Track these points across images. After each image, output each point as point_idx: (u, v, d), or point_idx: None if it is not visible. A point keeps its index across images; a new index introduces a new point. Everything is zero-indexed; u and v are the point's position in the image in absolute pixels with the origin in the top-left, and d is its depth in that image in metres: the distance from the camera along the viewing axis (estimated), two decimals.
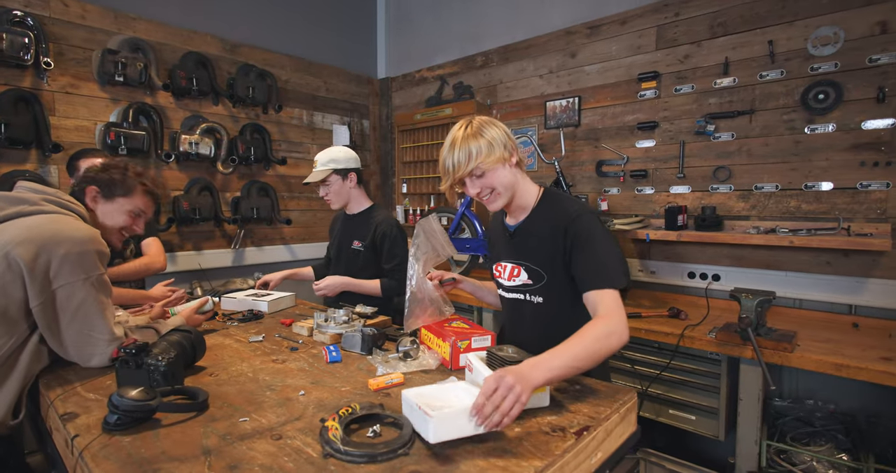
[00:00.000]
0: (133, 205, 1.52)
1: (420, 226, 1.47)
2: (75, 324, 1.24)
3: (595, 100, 3.01)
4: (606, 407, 1.13)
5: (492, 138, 1.28)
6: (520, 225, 1.41)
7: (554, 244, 1.32)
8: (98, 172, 1.49)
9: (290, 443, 0.95)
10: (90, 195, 1.45)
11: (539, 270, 1.36)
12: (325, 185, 2.23)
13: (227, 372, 1.34)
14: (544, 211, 1.38)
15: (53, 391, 1.21)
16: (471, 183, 1.31)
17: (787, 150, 2.33)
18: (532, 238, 1.38)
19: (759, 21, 2.36)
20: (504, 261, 1.46)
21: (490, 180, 1.30)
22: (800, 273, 2.33)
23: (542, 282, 1.36)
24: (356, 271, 2.26)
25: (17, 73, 2.48)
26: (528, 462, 0.89)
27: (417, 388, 1.08)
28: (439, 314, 1.49)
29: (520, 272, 1.41)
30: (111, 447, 0.93)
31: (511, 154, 1.32)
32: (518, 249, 1.41)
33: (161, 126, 2.96)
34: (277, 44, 3.60)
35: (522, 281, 1.41)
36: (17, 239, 1.19)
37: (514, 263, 1.43)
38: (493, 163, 1.28)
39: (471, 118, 1.34)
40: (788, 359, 1.79)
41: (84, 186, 1.45)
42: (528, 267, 1.39)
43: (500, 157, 1.29)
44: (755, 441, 1.93)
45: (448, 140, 1.32)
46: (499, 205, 1.35)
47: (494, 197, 1.33)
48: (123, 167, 1.53)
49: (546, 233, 1.34)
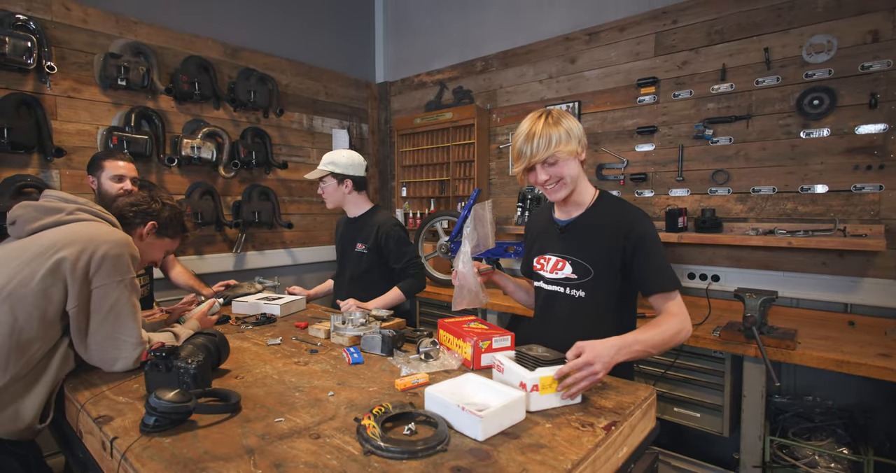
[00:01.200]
0: (173, 246, 1.62)
1: (474, 211, 1.48)
2: (105, 326, 1.25)
3: (595, 104, 3.07)
4: (629, 403, 1.17)
5: (569, 129, 1.32)
6: (573, 220, 1.45)
7: (611, 242, 1.35)
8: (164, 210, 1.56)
9: (330, 442, 0.97)
10: (147, 228, 1.52)
11: (587, 265, 1.40)
12: (321, 183, 2.29)
13: (251, 374, 1.35)
14: (601, 210, 1.42)
15: (81, 394, 1.21)
16: (541, 169, 1.34)
17: (784, 154, 2.41)
18: (585, 234, 1.41)
19: (756, 29, 2.44)
20: (549, 254, 1.49)
21: (560, 170, 1.34)
22: (797, 273, 2.40)
23: (589, 278, 1.39)
24: (361, 274, 2.30)
25: (19, 77, 2.46)
26: (564, 455, 0.92)
27: (437, 385, 1.13)
28: (478, 301, 1.50)
29: (564, 265, 1.44)
30: (153, 448, 0.94)
31: (582, 149, 1.36)
32: (568, 243, 1.44)
33: (163, 130, 2.95)
34: (278, 48, 3.62)
35: (566, 274, 1.44)
36: (61, 243, 1.21)
37: (560, 257, 1.45)
38: (567, 154, 1.32)
39: (549, 109, 1.38)
40: (791, 357, 1.85)
41: (147, 219, 1.50)
42: (575, 261, 1.42)
43: (574, 150, 1.33)
44: (759, 437, 1.98)
45: (525, 126, 1.35)
46: (562, 195, 1.38)
47: (560, 186, 1.37)
48: (182, 210, 1.62)
49: (602, 232, 1.38)
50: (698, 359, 2.18)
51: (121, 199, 1.53)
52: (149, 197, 1.55)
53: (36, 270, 1.19)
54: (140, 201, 1.52)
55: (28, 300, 1.17)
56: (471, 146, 3.59)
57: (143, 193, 1.58)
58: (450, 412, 1.03)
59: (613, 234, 1.36)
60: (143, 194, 1.57)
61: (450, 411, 1.03)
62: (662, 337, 1.24)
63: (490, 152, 3.63)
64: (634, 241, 1.33)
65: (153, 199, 1.55)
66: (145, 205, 1.52)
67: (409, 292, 2.23)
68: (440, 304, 3.19)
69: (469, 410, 0.97)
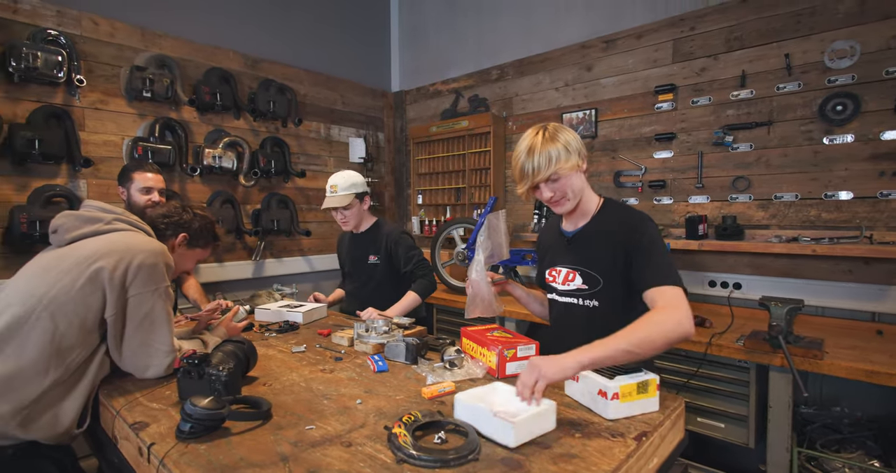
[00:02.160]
0: (204, 255, 1.66)
1: (488, 220, 1.48)
2: (139, 334, 1.28)
3: (612, 112, 3.07)
4: (659, 414, 1.16)
5: (566, 143, 1.32)
6: (579, 230, 1.45)
7: (615, 249, 1.34)
8: (195, 221, 1.59)
9: (362, 450, 0.98)
10: (179, 239, 1.55)
11: (595, 275, 1.39)
12: (345, 209, 2.32)
13: (279, 381, 1.37)
14: (605, 218, 1.41)
15: (116, 401, 1.23)
16: (545, 187, 1.35)
17: (806, 161, 2.38)
18: (591, 243, 1.41)
19: (775, 35, 2.43)
20: (559, 266, 1.49)
21: (563, 185, 1.34)
22: (821, 281, 2.37)
23: (599, 287, 1.38)
24: (374, 284, 2.39)
25: (49, 90, 2.53)
26: (597, 466, 0.92)
27: (466, 392, 1.14)
28: (491, 310, 1.50)
29: (574, 276, 1.44)
30: (190, 454, 0.96)
31: (583, 161, 1.36)
32: (575, 254, 1.44)
33: (186, 140, 3.02)
34: (296, 59, 3.68)
35: (577, 285, 1.43)
36: (100, 252, 1.25)
37: (570, 268, 1.45)
38: (569, 170, 1.32)
39: (545, 125, 1.38)
40: (819, 366, 1.82)
41: (178, 230, 1.53)
42: (584, 272, 1.41)
43: (575, 164, 1.33)
44: (786, 449, 1.95)
45: (524, 145, 1.35)
46: (567, 208, 1.39)
47: (563, 201, 1.37)
48: (214, 221, 1.66)
49: (606, 239, 1.37)
50: (722, 369, 2.15)
51: (152, 210, 1.57)
52: (180, 208, 1.58)
53: (76, 279, 1.22)
54: (172, 213, 1.55)
55: (68, 308, 1.21)
56: (487, 154, 3.60)
57: (175, 204, 1.61)
58: (480, 418, 1.04)
59: (616, 240, 1.35)
60: (175, 205, 1.60)
61: (481, 418, 1.03)
62: (647, 334, 1.12)
63: (506, 160, 3.64)
64: (635, 243, 1.31)
65: (184, 210, 1.58)
66: (177, 216, 1.55)
67: (424, 293, 2.28)
68: (457, 312, 3.19)
69: (501, 416, 0.98)
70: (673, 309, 1.17)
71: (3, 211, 2.33)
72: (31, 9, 2.47)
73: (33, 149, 2.35)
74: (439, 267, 3.41)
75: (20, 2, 2.43)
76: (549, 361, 1.07)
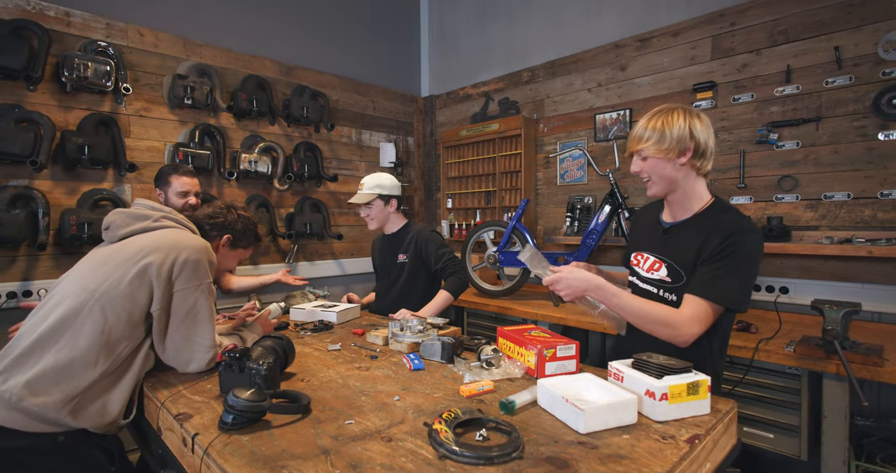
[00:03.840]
0: (246, 255, 1.70)
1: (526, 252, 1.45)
2: (182, 329, 1.31)
3: (647, 112, 2.98)
4: (710, 417, 1.10)
5: (670, 129, 1.29)
6: (677, 223, 1.41)
7: (703, 250, 1.29)
8: (239, 223, 1.62)
9: (402, 445, 0.96)
10: (223, 240, 1.59)
11: (680, 270, 1.35)
12: (367, 207, 2.38)
13: (316, 378, 1.37)
14: (708, 217, 1.34)
15: (161, 393, 1.26)
16: (634, 161, 1.39)
17: (859, 158, 2.26)
18: (685, 238, 1.36)
19: (824, 27, 2.33)
20: (647, 253, 1.47)
21: (647, 166, 1.35)
22: (878, 284, 2.23)
23: (682, 283, 1.34)
24: (402, 283, 2.41)
25: (98, 98, 2.65)
26: (648, 467, 0.87)
27: (550, 379, 1.19)
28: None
29: (661, 267, 1.41)
30: (233, 445, 0.96)
31: (682, 153, 1.30)
32: (667, 245, 1.41)
33: (224, 145, 3.11)
34: (329, 65, 3.75)
35: (660, 276, 1.40)
36: (148, 248, 1.29)
37: (658, 258, 1.42)
38: (654, 153, 1.32)
39: (674, 106, 1.36)
40: (880, 374, 1.70)
41: (223, 232, 1.58)
42: (671, 265, 1.38)
43: (664, 150, 1.30)
44: (843, 462, 1.82)
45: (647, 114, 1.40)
46: (652, 192, 1.39)
47: (649, 184, 1.39)
48: (255, 221, 1.68)
49: (701, 237, 1.30)
50: (770, 375, 2.04)
51: (199, 210, 1.61)
52: (225, 208, 1.62)
53: (125, 274, 1.26)
54: (216, 213, 1.59)
55: (118, 302, 1.24)
56: (517, 156, 3.57)
57: (220, 204, 1.64)
58: (556, 403, 1.09)
59: (705, 240, 1.29)
60: (220, 205, 1.63)
61: (556, 403, 1.09)
62: (644, 312, 1.26)
63: (537, 162, 3.61)
64: (722, 247, 1.24)
65: (229, 210, 1.61)
66: (221, 217, 1.59)
67: (455, 291, 2.27)
68: (488, 315, 3.16)
69: (572, 402, 1.03)
70: (683, 318, 1.24)
71: (55, 213, 2.44)
72: (82, 22, 2.59)
73: (83, 154, 2.46)
74: (470, 271, 3.38)
75: (72, 15, 2.56)
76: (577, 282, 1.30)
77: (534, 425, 1.05)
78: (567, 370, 1.37)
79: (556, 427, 1.05)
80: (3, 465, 1.18)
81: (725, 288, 1.22)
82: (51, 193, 2.47)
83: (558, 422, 1.07)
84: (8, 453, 1.17)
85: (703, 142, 1.31)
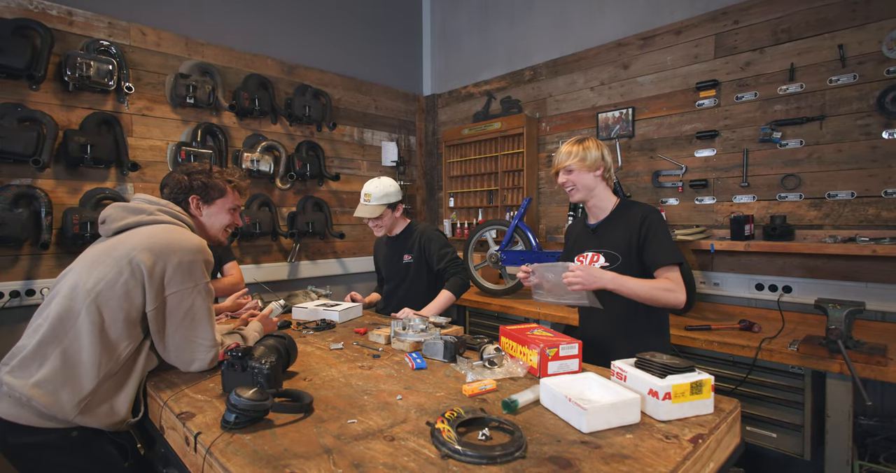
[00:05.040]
0: (230, 202, 1.61)
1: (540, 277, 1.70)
2: (182, 330, 1.31)
3: (650, 110, 2.99)
4: (714, 416, 1.10)
5: (588, 150, 1.75)
6: (601, 222, 1.81)
7: (630, 232, 1.69)
8: (191, 181, 1.55)
9: (405, 444, 0.96)
10: (193, 204, 1.54)
11: (615, 253, 1.73)
12: (377, 219, 2.37)
13: (319, 377, 1.37)
14: (622, 212, 1.78)
15: (164, 392, 1.26)
16: (562, 174, 1.78)
17: (864, 156, 2.25)
18: (611, 230, 1.77)
19: (827, 25, 2.32)
20: (586, 252, 1.82)
21: (573, 177, 1.76)
22: (882, 284, 2.22)
23: (617, 263, 1.70)
24: (409, 284, 2.41)
25: (100, 97, 2.65)
26: (652, 467, 0.87)
27: (553, 378, 1.19)
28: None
29: (598, 258, 1.77)
30: (235, 444, 0.96)
31: (598, 167, 1.75)
32: (600, 240, 1.79)
33: (226, 144, 3.11)
34: (331, 64, 3.75)
35: (600, 264, 1.75)
36: (139, 246, 1.27)
37: (595, 251, 1.79)
38: (579, 167, 1.74)
39: (585, 137, 1.80)
40: (884, 374, 1.70)
41: (186, 197, 1.53)
42: (606, 252, 1.75)
43: (588, 165, 1.74)
44: (846, 462, 1.82)
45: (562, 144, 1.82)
46: (575, 197, 1.79)
47: (573, 191, 1.78)
48: (207, 170, 1.59)
49: (624, 226, 1.72)
50: (773, 375, 2.03)
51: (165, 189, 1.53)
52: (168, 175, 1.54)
53: (120, 273, 1.25)
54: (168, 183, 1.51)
55: (113, 302, 1.24)
56: (519, 155, 3.57)
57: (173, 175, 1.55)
58: (559, 402, 1.10)
59: (629, 225, 1.71)
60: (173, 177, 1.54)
61: (559, 402, 1.10)
62: (648, 288, 1.56)
63: (539, 161, 3.60)
64: (646, 228, 1.66)
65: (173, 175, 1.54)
66: (175, 186, 1.51)
67: (457, 291, 2.27)
68: (490, 314, 3.15)
69: (575, 402, 1.03)
70: (675, 284, 1.58)
71: (57, 212, 2.44)
72: (84, 21, 2.59)
73: (85, 153, 2.47)
74: (472, 270, 3.38)
75: (75, 14, 2.56)
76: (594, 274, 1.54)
77: (536, 424, 1.05)
78: (570, 369, 1.37)
79: (559, 426, 1.04)
80: (17, 460, 1.19)
81: (672, 251, 1.63)
82: (53, 192, 2.47)
83: (561, 422, 1.06)
84: (21, 448, 1.18)
85: (608, 160, 1.77)
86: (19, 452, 1.18)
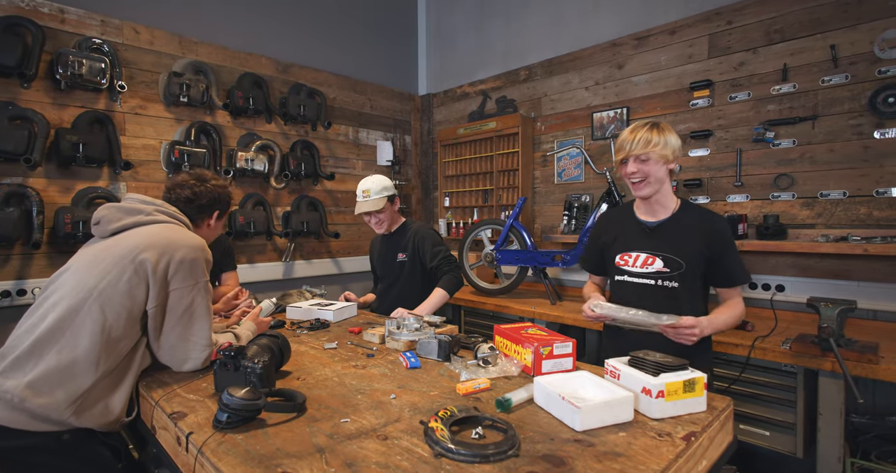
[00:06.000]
0: (227, 214, 1.68)
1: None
2: (179, 327, 1.30)
3: (644, 110, 3.00)
4: (707, 414, 1.10)
5: (668, 139, 1.53)
6: (662, 222, 1.63)
7: (702, 242, 1.56)
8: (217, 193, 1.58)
9: (398, 443, 0.95)
10: (214, 217, 1.58)
11: (678, 260, 1.58)
12: (379, 213, 2.35)
13: (312, 376, 1.37)
14: (688, 214, 1.62)
15: (155, 392, 1.25)
16: (633, 163, 1.55)
17: (855, 156, 2.27)
18: (675, 234, 1.60)
19: (820, 26, 2.33)
20: (637, 251, 1.65)
21: (648, 167, 1.54)
22: (873, 282, 2.24)
23: (681, 270, 1.57)
24: (403, 282, 2.41)
25: (92, 96, 2.63)
26: (645, 465, 0.87)
27: (547, 377, 1.19)
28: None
29: (654, 261, 1.61)
30: (227, 443, 0.95)
31: (674, 160, 1.57)
32: (659, 242, 1.61)
33: (220, 143, 3.09)
34: (326, 63, 3.74)
35: (657, 268, 1.60)
36: (142, 245, 1.27)
37: (651, 254, 1.62)
38: (659, 156, 1.52)
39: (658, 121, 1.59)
40: (875, 372, 1.71)
41: (212, 209, 1.57)
42: (667, 257, 1.59)
43: (665, 156, 1.53)
44: (838, 459, 1.83)
45: (631, 126, 1.59)
46: (646, 192, 1.58)
47: (643, 184, 1.57)
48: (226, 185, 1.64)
49: (693, 232, 1.58)
50: (766, 373, 2.05)
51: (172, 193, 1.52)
52: (198, 183, 1.54)
53: (123, 271, 1.25)
54: (198, 195, 1.52)
55: (116, 300, 1.23)
56: (515, 155, 3.57)
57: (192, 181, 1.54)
58: (553, 401, 1.09)
59: (702, 233, 1.57)
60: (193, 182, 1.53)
61: (553, 400, 1.09)
62: (732, 321, 1.54)
63: (534, 160, 3.60)
64: (722, 241, 1.56)
65: (204, 184, 1.55)
66: (205, 197, 1.54)
67: (450, 289, 2.26)
68: (485, 313, 3.16)
69: (568, 400, 1.03)
70: (743, 306, 1.59)
71: (49, 212, 2.42)
72: (77, 19, 2.58)
73: (78, 152, 2.45)
74: (467, 269, 3.38)
75: (67, 12, 2.54)
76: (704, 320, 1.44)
77: (530, 423, 1.05)
78: (564, 368, 1.37)
79: (553, 424, 1.04)
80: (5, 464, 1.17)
81: (745, 270, 1.59)
82: (45, 191, 2.45)
83: (555, 420, 1.06)
84: (10, 452, 1.15)
85: (679, 151, 1.59)
86: (8, 456, 1.16)
